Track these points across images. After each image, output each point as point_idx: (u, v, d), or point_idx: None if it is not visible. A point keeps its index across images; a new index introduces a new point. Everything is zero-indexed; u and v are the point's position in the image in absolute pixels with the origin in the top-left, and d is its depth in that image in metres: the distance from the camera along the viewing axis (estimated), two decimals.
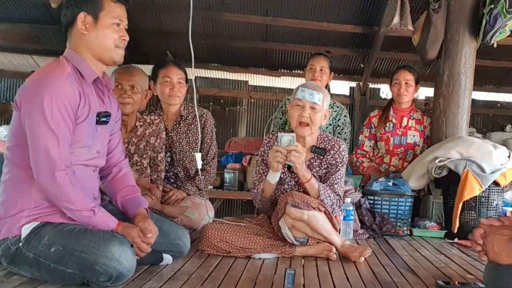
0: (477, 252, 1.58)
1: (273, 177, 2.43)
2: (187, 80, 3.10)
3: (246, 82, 6.81)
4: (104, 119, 1.93)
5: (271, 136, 2.61)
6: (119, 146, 2.12)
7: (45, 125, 1.70)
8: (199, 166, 2.35)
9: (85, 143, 1.85)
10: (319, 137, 2.58)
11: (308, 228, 2.35)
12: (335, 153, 2.53)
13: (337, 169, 2.53)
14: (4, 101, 6.97)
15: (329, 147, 2.55)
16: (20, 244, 1.72)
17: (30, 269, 1.73)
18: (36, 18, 5.86)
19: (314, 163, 2.56)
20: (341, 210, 2.73)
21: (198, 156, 2.35)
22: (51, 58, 6.48)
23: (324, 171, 2.56)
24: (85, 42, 1.86)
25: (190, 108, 3.16)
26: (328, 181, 2.51)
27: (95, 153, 1.91)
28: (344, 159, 2.55)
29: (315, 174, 2.53)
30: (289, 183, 2.56)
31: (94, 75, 1.88)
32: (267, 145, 2.59)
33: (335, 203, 2.49)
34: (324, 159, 2.55)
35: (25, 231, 1.73)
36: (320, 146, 2.55)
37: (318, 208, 2.35)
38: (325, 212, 2.38)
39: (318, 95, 2.46)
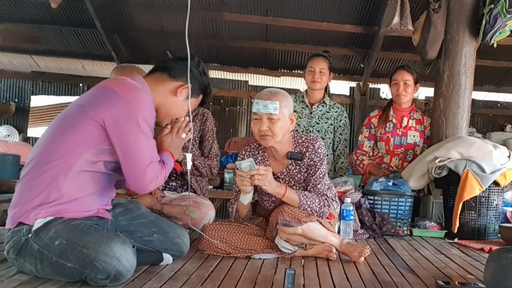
0: None
1: (245, 199, 2.40)
2: None
3: (246, 82, 6.83)
4: None
5: (243, 152, 2.54)
6: None
7: (143, 135, 1.83)
8: (188, 167, 2.26)
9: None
10: (293, 140, 2.48)
11: (304, 238, 2.31)
12: (310, 153, 2.43)
13: (316, 169, 2.43)
14: (4, 101, 6.97)
15: (304, 149, 2.45)
16: (30, 235, 1.73)
17: (34, 262, 1.73)
18: (36, 18, 5.86)
19: (293, 169, 2.47)
20: (336, 206, 2.59)
21: (188, 156, 2.23)
22: (51, 58, 6.53)
23: (305, 174, 2.46)
24: (166, 98, 2.00)
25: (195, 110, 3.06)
26: (311, 184, 2.43)
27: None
28: (321, 156, 2.45)
29: (295, 180, 2.46)
30: None
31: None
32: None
33: (322, 205, 2.38)
34: (301, 163, 2.45)
35: (37, 224, 1.74)
36: (296, 151, 2.45)
37: (310, 220, 2.29)
38: (318, 220, 2.34)
39: (273, 104, 2.30)
